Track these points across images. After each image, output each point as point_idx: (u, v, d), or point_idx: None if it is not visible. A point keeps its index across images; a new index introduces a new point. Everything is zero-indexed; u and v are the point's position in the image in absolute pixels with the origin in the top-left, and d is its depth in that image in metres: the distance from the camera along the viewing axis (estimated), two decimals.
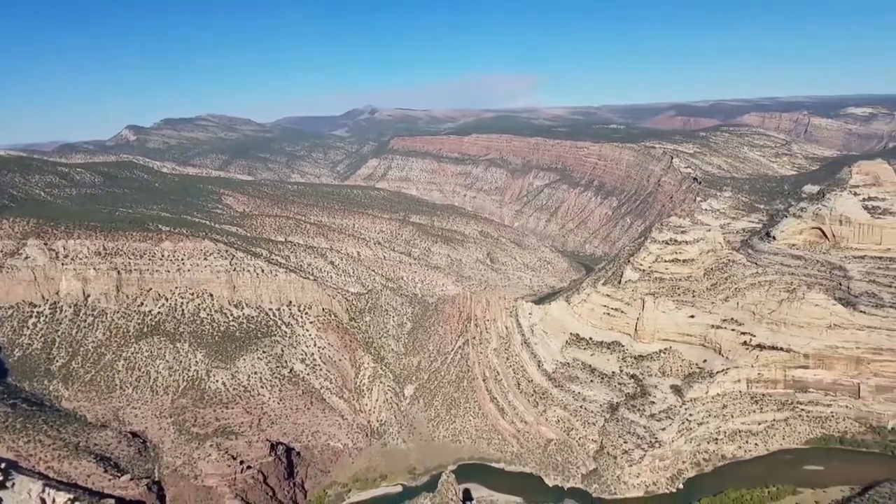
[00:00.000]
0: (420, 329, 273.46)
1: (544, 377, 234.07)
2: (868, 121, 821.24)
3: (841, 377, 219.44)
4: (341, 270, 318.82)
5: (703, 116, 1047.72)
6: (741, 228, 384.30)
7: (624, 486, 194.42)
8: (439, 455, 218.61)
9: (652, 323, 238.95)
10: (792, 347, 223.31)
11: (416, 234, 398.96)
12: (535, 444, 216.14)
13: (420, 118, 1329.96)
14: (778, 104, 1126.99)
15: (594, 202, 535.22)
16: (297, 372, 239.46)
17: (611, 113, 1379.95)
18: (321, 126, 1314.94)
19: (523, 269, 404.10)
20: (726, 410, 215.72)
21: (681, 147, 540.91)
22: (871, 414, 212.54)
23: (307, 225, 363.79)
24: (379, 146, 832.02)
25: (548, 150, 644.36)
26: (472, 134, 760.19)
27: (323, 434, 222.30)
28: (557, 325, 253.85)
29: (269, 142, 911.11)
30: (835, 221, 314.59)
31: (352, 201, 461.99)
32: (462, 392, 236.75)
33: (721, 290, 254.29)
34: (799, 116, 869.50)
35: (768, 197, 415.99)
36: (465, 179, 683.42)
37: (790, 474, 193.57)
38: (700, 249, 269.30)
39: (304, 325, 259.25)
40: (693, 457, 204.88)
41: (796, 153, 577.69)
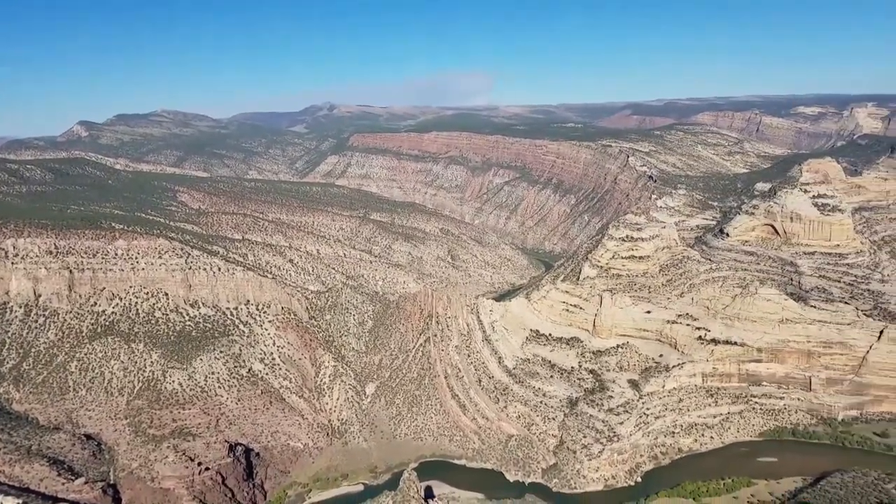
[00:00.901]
0: (381, 327, 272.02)
1: (505, 373, 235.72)
2: (817, 120, 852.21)
3: (793, 370, 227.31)
4: (301, 268, 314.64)
5: (658, 115, 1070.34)
6: (695, 225, 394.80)
7: (583, 480, 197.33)
8: (401, 453, 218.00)
9: (609, 319, 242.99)
10: (745, 342, 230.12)
11: (376, 231, 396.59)
12: (497, 439, 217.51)
13: (380, 115, 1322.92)
14: (730, 103, 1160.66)
15: (553, 200, 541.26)
16: (256, 372, 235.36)
17: (569, 112, 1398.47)
18: (279, 122, 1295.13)
19: (484, 266, 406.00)
20: (682, 404, 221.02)
21: (637, 146, 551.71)
22: (822, 406, 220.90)
23: (265, 222, 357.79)
24: (338, 143, 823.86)
25: (507, 148, 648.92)
26: (433, 131, 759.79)
27: (283, 434, 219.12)
28: (518, 322, 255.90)
29: (226, 138, 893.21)
30: (786, 218, 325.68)
31: (311, 199, 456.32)
32: (424, 389, 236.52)
33: (676, 286, 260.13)
34: (751, 115, 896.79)
35: (722, 194, 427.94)
36: (426, 177, 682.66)
37: (745, 466, 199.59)
38: (656, 246, 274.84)
39: (262, 324, 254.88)
40: (650, 450, 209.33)
41: (748, 151, 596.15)
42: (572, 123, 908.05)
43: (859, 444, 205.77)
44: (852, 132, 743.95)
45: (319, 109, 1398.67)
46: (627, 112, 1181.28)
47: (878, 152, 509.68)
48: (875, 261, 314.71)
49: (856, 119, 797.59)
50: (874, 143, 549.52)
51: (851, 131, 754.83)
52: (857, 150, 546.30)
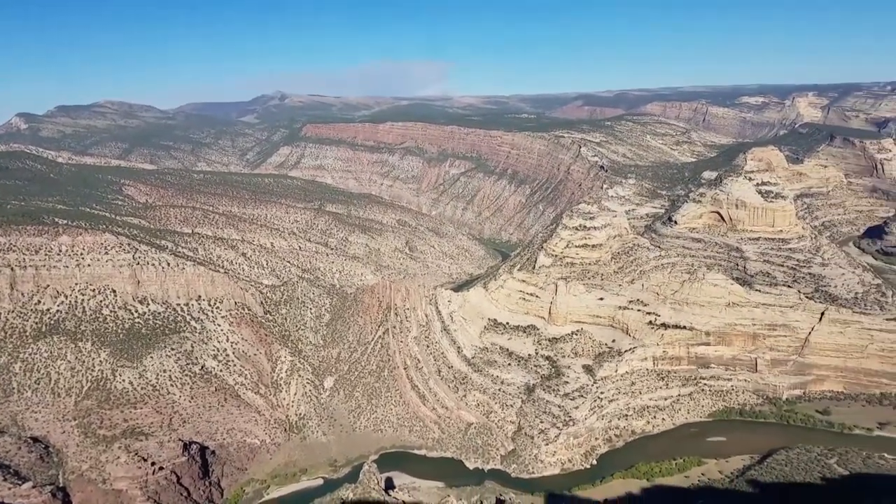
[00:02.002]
0: (339, 320, 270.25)
1: (464, 363, 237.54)
2: (761, 109, 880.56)
3: (739, 353, 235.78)
4: (254, 262, 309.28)
5: (608, 106, 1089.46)
6: (645, 214, 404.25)
7: (541, 465, 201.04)
8: (361, 445, 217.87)
9: (564, 306, 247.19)
10: (694, 326, 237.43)
11: (332, 223, 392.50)
12: (456, 428, 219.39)
13: (333, 105, 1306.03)
14: (678, 94, 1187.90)
15: (508, 190, 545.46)
16: (209, 368, 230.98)
17: (522, 102, 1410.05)
18: (228, 112, 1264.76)
19: (442, 257, 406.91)
20: (635, 387, 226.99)
21: (588, 136, 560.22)
22: (768, 386, 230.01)
23: (216, 215, 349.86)
24: (291, 133, 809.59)
25: (463, 139, 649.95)
26: (388, 122, 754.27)
27: (238, 431, 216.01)
28: (476, 312, 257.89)
29: (173, 129, 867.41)
30: (731, 205, 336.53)
31: (263, 190, 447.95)
32: (383, 381, 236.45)
33: (627, 273, 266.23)
34: (698, 106, 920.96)
35: (670, 183, 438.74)
36: (382, 168, 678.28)
37: (695, 446, 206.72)
38: (607, 235, 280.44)
39: (215, 320, 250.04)
40: (605, 433, 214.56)
41: (695, 141, 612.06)
42: (526, 114, 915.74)
43: (803, 422, 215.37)
44: (794, 121, 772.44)
45: (270, 99, 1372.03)
46: (579, 103, 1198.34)
47: (818, 140, 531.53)
48: (816, 245, 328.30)
49: (797, 108, 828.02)
50: (814, 132, 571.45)
51: (793, 120, 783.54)
52: (799, 139, 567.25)
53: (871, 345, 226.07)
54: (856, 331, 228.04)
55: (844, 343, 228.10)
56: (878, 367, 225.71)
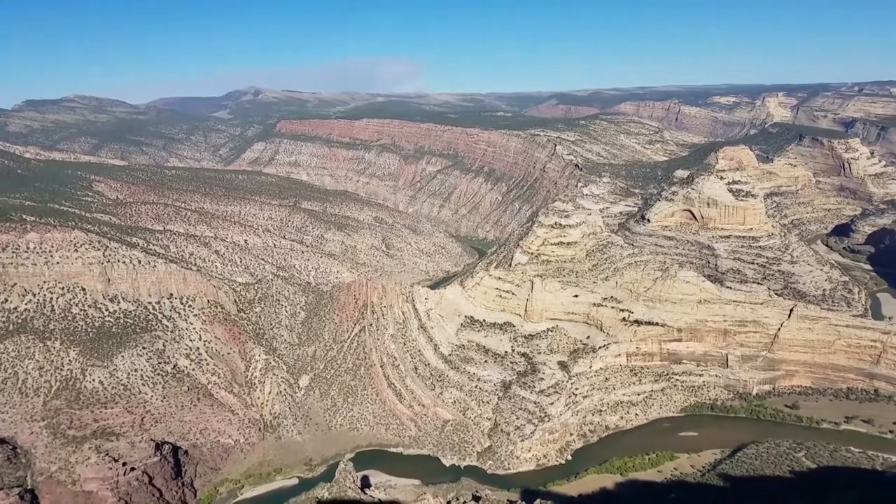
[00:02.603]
0: (315, 318, 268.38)
1: (441, 360, 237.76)
2: (732, 109, 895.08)
3: (711, 348, 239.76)
4: (227, 260, 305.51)
5: (583, 105, 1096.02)
6: (619, 212, 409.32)
7: (517, 461, 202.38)
8: (336, 444, 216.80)
9: (540, 303, 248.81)
10: (666, 322, 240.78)
11: (307, 220, 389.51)
12: (433, 426, 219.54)
13: (308, 101, 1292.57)
14: (651, 93, 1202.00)
15: (485, 188, 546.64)
16: (182, 367, 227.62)
17: (498, 100, 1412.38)
18: (201, 108, 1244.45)
19: (419, 254, 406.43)
20: (608, 383, 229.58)
21: (563, 135, 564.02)
22: (738, 381, 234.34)
23: (188, 212, 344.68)
24: (265, 129, 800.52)
25: (439, 136, 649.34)
26: (364, 118, 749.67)
27: (212, 431, 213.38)
28: (453, 309, 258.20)
29: (144, 124, 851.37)
30: (703, 204, 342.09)
31: (237, 187, 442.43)
32: (359, 379, 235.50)
33: (602, 271, 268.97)
34: (670, 105, 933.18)
35: (643, 182, 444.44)
36: (358, 165, 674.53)
37: (668, 441, 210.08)
38: (582, 233, 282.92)
39: (187, 319, 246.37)
40: (580, 428, 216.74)
41: (668, 140, 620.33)
42: (502, 112, 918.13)
43: (772, 417, 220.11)
44: (764, 121, 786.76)
45: (244, 94, 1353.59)
46: (554, 102, 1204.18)
47: (787, 140, 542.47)
48: (785, 243, 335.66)
49: (767, 108, 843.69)
50: (784, 131, 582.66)
51: (763, 120, 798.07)
52: (769, 138, 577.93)
53: (838, 341, 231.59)
54: (824, 327, 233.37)
55: (813, 339, 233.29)
56: (845, 363, 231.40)
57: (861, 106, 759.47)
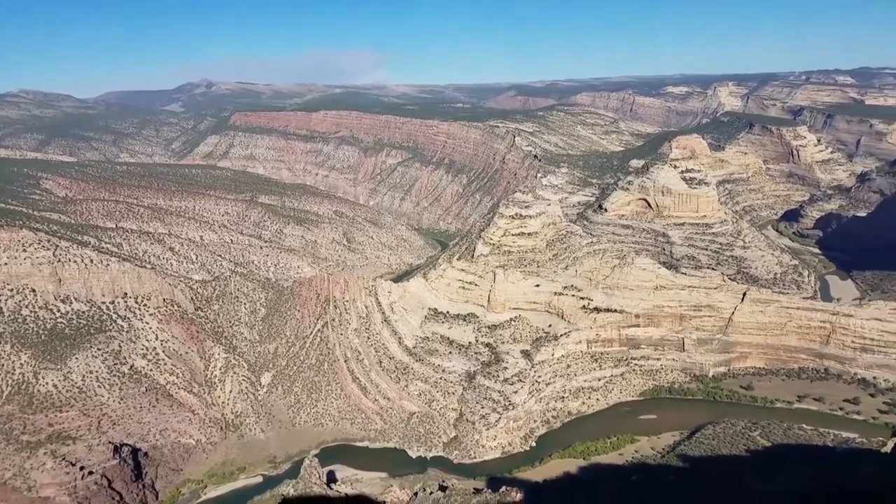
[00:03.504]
0: (275, 314, 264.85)
1: (405, 353, 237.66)
2: (685, 99, 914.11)
3: (667, 333, 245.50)
4: (183, 257, 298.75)
5: (540, 96, 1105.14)
6: (577, 202, 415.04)
7: (482, 450, 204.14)
8: (301, 441, 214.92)
9: (503, 293, 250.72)
10: (624, 309, 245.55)
11: (265, 215, 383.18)
12: (399, 418, 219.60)
13: (263, 93, 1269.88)
14: (607, 84, 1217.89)
15: (446, 180, 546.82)
16: (139, 368, 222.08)
17: (457, 92, 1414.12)
18: (152, 101, 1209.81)
19: (381, 247, 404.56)
20: (570, 370, 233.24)
21: (522, 126, 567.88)
22: (695, 364, 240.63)
23: (141, 209, 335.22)
24: (218, 122, 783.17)
25: (399, 128, 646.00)
26: (321, 110, 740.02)
27: (172, 431, 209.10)
28: (416, 302, 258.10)
29: (93, 119, 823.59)
30: (658, 193, 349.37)
31: (191, 182, 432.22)
32: (323, 375, 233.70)
33: (562, 260, 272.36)
34: (625, 95, 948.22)
35: (600, 172, 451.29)
36: (316, 158, 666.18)
37: (628, 425, 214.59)
38: (542, 223, 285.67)
39: (143, 318, 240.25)
40: (543, 415, 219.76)
41: (623, 130, 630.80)
42: (461, 104, 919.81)
43: (728, 398, 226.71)
44: (716, 110, 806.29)
45: (196, 87, 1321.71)
46: (512, 93, 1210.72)
47: (738, 128, 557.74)
48: (737, 229, 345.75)
49: (718, 97, 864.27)
50: (735, 120, 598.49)
51: (715, 109, 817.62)
52: (720, 127, 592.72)
53: (789, 322, 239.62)
54: (775, 310, 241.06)
55: (765, 321, 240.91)
56: (797, 344, 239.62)
57: (808, 94, 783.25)
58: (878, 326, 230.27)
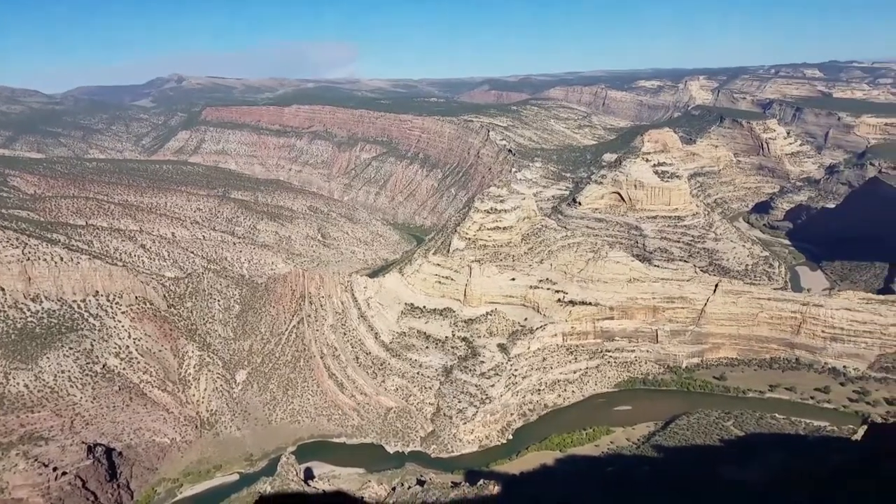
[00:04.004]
0: (250, 311, 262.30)
1: (382, 348, 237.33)
2: (656, 93, 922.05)
3: (641, 325, 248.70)
4: (154, 254, 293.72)
5: (514, 91, 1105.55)
6: (551, 196, 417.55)
7: (460, 444, 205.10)
8: (277, 438, 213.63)
9: (479, 288, 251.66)
10: (599, 301, 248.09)
11: (238, 211, 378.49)
12: (376, 414, 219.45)
13: (235, 87, 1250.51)
14: (579, 78, 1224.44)
15: (421, 174, 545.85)
16: (112, 367, 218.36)
17: (431, 86, 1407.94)
18: (121, 96, 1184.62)
19: (356, 243, 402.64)
20: (546, 363, 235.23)
21: (496, 120, 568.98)
22: (668, 356, 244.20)
23: (111, 206, 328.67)
24: (189, 117, 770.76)
25: (373, 123, 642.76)
26: (294, 105, 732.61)
27: (146, 430, 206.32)
28: (393, 297, 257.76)
29: (61, 115, 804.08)
30: (630, 186, 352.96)
31: (162, 178, 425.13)
32: (299, 372, 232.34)
33: (537, 254, 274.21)
34: (598, 90, 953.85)
35: (573, 166, 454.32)
36: (289, 153, 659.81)
37: (604, 416, 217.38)
38: (517, 217, 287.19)
39: (115, 316, 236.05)
40: (520, 408, 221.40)
41: (596, 124, 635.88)
42: (435, 98, 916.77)
43: (701, 388, 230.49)
44: (687, 103, 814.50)
45: (166, 82, 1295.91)
46: (486, 87, 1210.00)
47: (709, 122, 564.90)
48: (709, 222, 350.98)
49: (689, 91, 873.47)
50: (706, 114, 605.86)
51: (686, 103, 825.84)
52: (692, 120, 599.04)
53: (761, 313, 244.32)
54: (747, 301, 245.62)
55: (737, 312, 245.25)
56: (768, 334, 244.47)
57: (777, 88, 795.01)
58: (847, 316, 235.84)
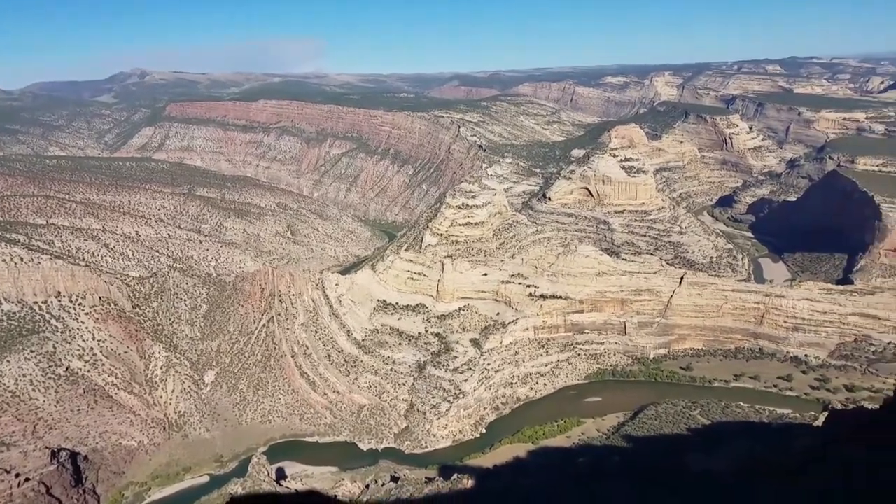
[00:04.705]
0: (218, 311, 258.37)
1: (354, 346, 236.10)
2: (623, 89, 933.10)
3: (610, 318, 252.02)
4: (118, 253, 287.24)
5: (483, 87, 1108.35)
6: (522, 191, 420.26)
7: (434, 439, 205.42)
8: (248, 438, 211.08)
9: (451, 283, 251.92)
10: (569, 295, 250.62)
11: (204, 208, 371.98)
12: (349, 412, 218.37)
13: (200, 82, 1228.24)
14: (547, 74, 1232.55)
15: (392, 170, 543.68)
16: (75, 370, 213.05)
17: (400, 82, 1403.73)
18: (82, 92, 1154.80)
19: (327, 240, 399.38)
20: (518, 356, 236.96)
21: (466, 116, 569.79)
22: (637, 347, 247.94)
23: (73, 204, 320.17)
24: (153, 113, 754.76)
25: (342, 118, 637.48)
26: (261, 100, 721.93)
27: (113, 433, 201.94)
28: (365, 294, 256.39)
29: (19, 111, 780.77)
30: (598, 181, 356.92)
31: (125, 175, 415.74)
32: (269, 371, 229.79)
33: (508, 249, 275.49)
34: (566, 86, 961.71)
35: (543, 161, 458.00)
36: (257, 148, 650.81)
37: (574, 407, 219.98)
38: (489, 213, 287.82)
39: (78, 318, 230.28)
40: (493, 402, 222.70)
41: (565, 120, 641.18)
42: (405, 93, 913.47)
43: (668, 379, 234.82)
44: (652, 99, 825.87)
45: (129, 77, 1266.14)
46: (455, 83, 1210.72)
47: (674, 117, 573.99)
48: (675, 215, 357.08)
49: (655, 87, 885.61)
50: (671, 109, 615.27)
51: (652, 98, 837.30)
52: (657, 116, 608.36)
53: (725, 304, 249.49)
54: (712, 292, 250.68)
55: (702, 304, 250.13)
56: (733, 325, 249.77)
57: (740, 84, 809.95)
58: (808, 306, 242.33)
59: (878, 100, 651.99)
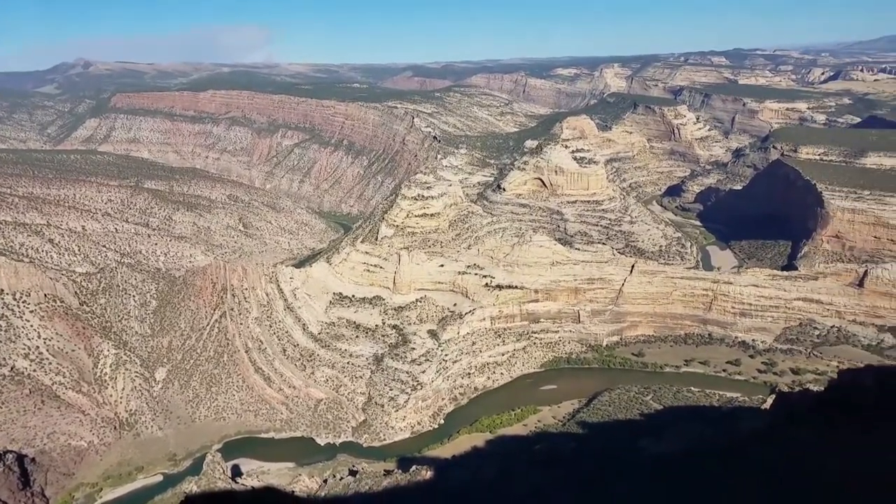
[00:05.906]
0: (168, 306, 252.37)
1: (310, 339, 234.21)
2: (573, 80, 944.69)
3: (564, 306, 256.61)
4: (64, 249, 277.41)
5: (437, 78, 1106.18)
6: (477, 182, 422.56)
7: (392, 431, 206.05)
8: (202, 436, 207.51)
9: (408, 275, 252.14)
10: (524, 285, 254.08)
11: (152, 201, 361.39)
12: (306, 406, 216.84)
13: (146, 72, 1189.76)
14: (500, 66, 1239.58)
15: (346, 161, 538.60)
16: (21, 369, 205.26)
17: (353, 72, 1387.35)
18: (22, 83, 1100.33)
19: (280, 232, 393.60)
20: (475, 347, 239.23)
21: (420, 107, 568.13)
22: (590, 335, 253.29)
23: (15, 199, 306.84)
24: (98, 104, 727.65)
25: (294, 109, 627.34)
26: (209, 90, 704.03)
27: (61, 434, 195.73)
28: (320, 287, 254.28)
29: None
30: (551, 172, 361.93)
31: (70, 168, 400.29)
32: (223, 367, 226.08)
33: (464, 240, 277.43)
34: (518, 77, 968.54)
35: (497, 153, 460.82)
36: (206, 139, 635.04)
37: (531, 396, 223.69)
38: (444, 204, 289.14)
39: (22, 316, 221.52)
40: (451, 392, 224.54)
41: (517, 112, 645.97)
42: (358, 84, 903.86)
43: (621, 365, 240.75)
44: (602, 91, 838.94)
45: (72, 67, 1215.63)
46: (409, 74, 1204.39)
47: (623, 108, 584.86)
48: (625, 205, 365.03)
49: (605, 79, 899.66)
50: (620, 101, 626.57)
51: (602, 90, 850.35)
52: (607, 107, 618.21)
53: (675, 291, 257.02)
54: (662, 280, 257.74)
55: (653, 291, 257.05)
56: (682, 311, 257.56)
57: (687, 75, 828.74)
58: (755, 292, 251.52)
59: (819, 90, 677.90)
